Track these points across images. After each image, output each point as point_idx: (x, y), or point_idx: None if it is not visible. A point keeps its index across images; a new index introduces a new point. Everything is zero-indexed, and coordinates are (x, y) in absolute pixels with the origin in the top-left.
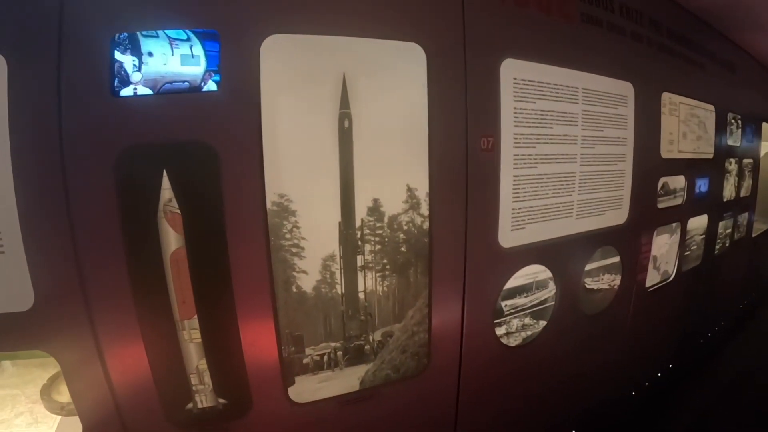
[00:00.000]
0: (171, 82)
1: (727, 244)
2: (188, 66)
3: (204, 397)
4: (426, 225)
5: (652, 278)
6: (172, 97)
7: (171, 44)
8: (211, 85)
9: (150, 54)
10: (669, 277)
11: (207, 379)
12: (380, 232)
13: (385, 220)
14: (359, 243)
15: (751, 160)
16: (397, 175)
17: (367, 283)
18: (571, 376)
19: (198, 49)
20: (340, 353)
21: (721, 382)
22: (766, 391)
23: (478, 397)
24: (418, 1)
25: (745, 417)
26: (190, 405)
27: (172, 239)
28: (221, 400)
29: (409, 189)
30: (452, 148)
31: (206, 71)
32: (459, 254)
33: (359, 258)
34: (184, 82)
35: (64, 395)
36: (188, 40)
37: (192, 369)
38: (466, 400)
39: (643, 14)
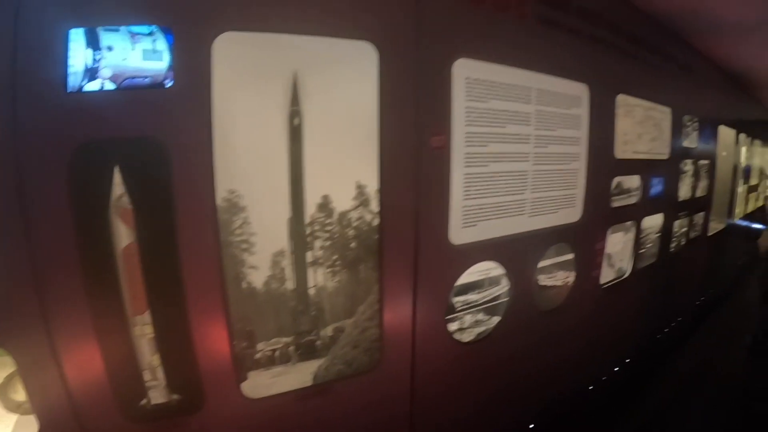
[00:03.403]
0: (132, 78)
1: (683, 243)
2: (150, 61)
3: (157, 393)
4: (376, 221)
5: (607, 275)
6: (125, 93)
7: (132, 38)
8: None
9: (110, 48)
10: (624, 274)
11: (160, 374)
12: (330, 228)
13: (335, 216)
14: (309, 239)
15: (707, 162)
16: (347, 172)
17: (318, 278)
18: (528, 370)
19: (161, 45)
20: (291, 348)
21: (678, 376)
22: (723, 385)
23: (433, 392)
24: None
25: (701, 410)
26: (144, 401)
27: (123, 234)
28: (174, 396)
29: (359, 186)
30: (403, 145)
31: (170, 67)
32: (409, 250)
33: (309, 254)
34: (145, 77)
35: (21, 393)
36: (151, 34)
37: (145, 365)
38: (421, 394)
39: (601, 17)
